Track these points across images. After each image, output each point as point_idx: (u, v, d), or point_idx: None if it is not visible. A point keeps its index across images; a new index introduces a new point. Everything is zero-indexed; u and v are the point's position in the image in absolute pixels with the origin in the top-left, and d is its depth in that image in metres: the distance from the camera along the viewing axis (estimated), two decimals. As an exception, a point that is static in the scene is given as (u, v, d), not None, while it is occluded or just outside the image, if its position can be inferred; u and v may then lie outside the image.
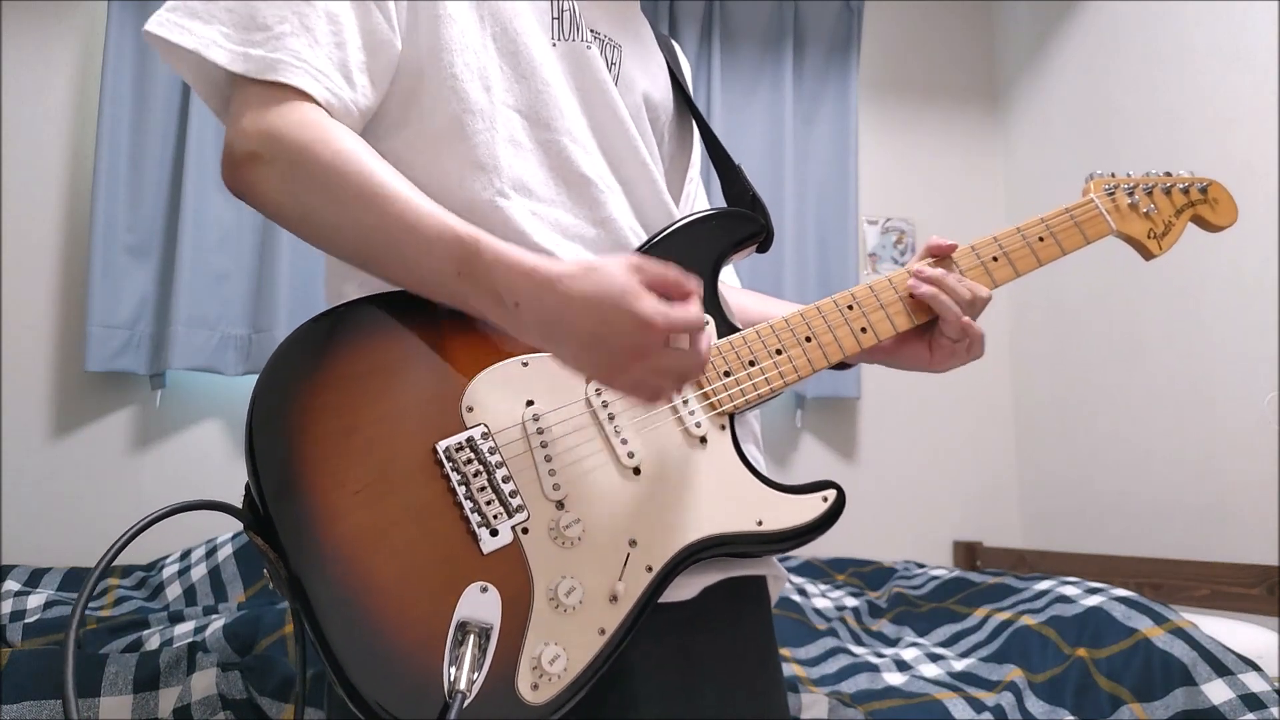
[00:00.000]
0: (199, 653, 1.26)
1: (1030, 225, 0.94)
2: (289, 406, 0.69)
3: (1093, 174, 1.00)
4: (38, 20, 2.39)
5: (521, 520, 0.72)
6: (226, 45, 0.75)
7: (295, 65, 0.74)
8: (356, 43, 0.78)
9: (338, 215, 0.73)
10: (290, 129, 0.73)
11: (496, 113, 0.82)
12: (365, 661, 0.64)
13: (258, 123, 0.73)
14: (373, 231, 0.72)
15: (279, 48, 0.75)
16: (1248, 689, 1.34)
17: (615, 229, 0.84)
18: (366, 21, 0.79)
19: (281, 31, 0.75)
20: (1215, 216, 1.00)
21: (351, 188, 0.72)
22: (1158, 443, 2.34)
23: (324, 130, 0.73)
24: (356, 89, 0.78)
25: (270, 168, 0.73)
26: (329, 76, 0.76)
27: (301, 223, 0.75)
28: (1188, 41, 2.31)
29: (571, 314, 0.67)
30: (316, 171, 0.72)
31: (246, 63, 0.74)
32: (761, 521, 0.78)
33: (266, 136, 0.73)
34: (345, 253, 0.76)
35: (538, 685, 0.68)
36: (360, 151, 0.73)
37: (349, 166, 0.72)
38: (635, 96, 0.92)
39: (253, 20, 0.75)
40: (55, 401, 2.29)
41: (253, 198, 0.75)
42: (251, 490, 0.69)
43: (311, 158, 0.72)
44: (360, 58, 0.79)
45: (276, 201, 0.74)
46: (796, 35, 2.83)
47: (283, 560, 0.66)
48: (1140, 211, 0.98)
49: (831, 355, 0.86)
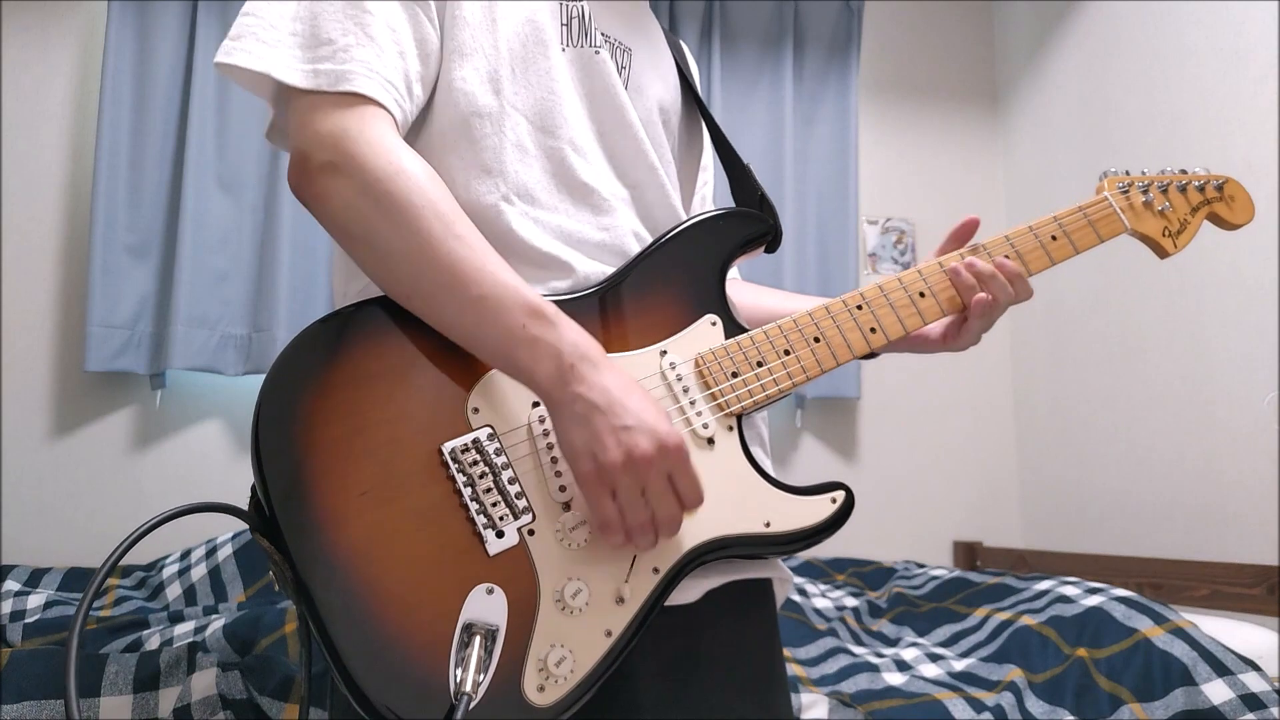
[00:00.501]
0: (199, 653, 1.26)
1: (1043, 224, 0.93)
2: (295, 408, 0.70)
3: (1106, 172, 0.98)
4: (38, 20, 2.39)
5: (527, 522, 0.72)
6: (296, 65, 0.76)
7: (367, 76, 0.75)
8: (413, 52, 0.79)
9: (404, 242, 0.72)
10: (368, 145, 0.73)
11: (505, 116, 0.82)
12: (371, 663, 0.64)
13: (335, 131, 0.73)
14: (439, 266, 0.72)
15: (348, 59, 0.75)
16: (1248, 689, 1.34)
17: (619, 234, 0.85)
18: (419, 30, 0.80)
19: (347, 44, 0.76)
20: (1231, 214, 0.99)
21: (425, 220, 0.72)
22: (1158, 443, 2.34)
23: (400, 157, 0.73)
24: (414, 100, 0.79)
25: (347, 181, 0.73)
26: (396, 88, 0.77)
27: (361, 242, 0.74)
28: (1188, 41, 2.31)
29: (619, 392, 0.69)
30: (392, 197, 0.72)
31: (317, 79, 0.75)
32: (769, 523, 0.78)
33: (345, 149, 0.73)
34: (398, 283, 0.75)
35: (544, 687, 0.68)
36: (436, 187, 0.74)
37: (426, 199, 0.72)
38: (646, 100, 0.92)
39: (315, 37, 0.76)
40: (55, 401, 2.29)
41: (319, 208, 0.75)
42: (257, 492, 0.69)
43: (388, 183, 0.72)
44: (417, 68, 0.80)
45: (344, 217, 0.74)
46: (796, 35, 2.83)
47: (288, 562, 0.66)
48: (1155, 210, 0.96)
49: (841, 356, 0.86)
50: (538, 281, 0.80)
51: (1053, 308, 2.72)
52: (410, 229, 0.72)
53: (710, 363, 0.81)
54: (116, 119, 2.28)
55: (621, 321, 0.81)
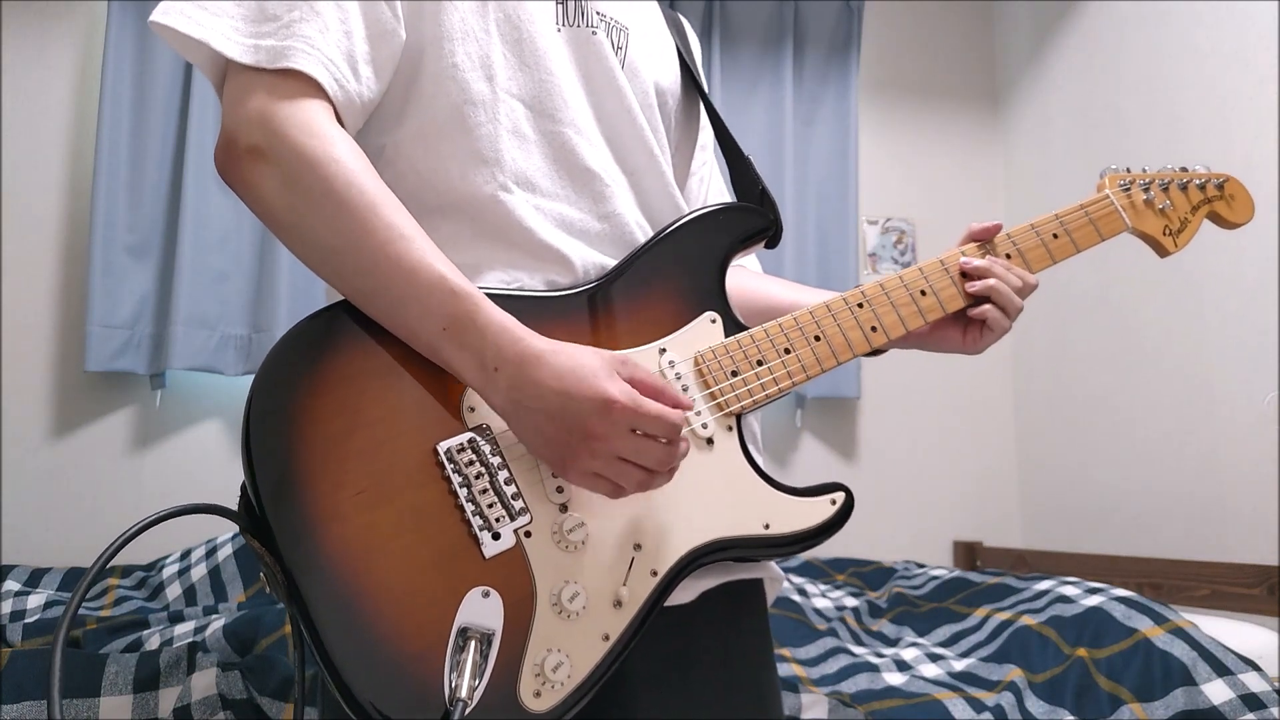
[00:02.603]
0: (199, 653, 1.26)
1: (1044, 222, 0.92)
2: (287, 406, 0.68)
3: (1106, 169, 0.97)
4: (38, 20, 2.39)
5: (524, 523, 0.70)
6: (237, 38, 0.73)
7: (307, 52, 0.73)
8: (361, 33, 0.76)
9: (331, 237, 0.70)
10: (298, 130, 0.70)
11: (499, 103, 0.80)
12: (363, 667, 0.63)
13: (264, 113, 0.71)
14: (365, 263, 0.70)
15: (290, 35, 0.73)
16: (1248, 689, 1.34)
17: (620, 223, 0.83)
18: (371, 10, 0.77)
19: (292, 19, 0.73)
20: (1231, 213, 0.98)
21: (353, 214, 0.69)
22: (1158, 443, 2.34)
23: (332, 143, 0.71)
24: (361, 81, 0.76)
25: (273, 168, 0.70)
26: (337, 66, 0.74)
27: (290, 231, 0.72)
28: (1188, 41, 2.31)
29: (543, 385, 0.67)
30: (320, 188, 0.69)
31: (257, 54, 0.72)
32: (769, 525, 0.76)
33: (272, 132, 0.70)
34: (327, 273, 0.73)
35: (540, 692, 0.67)
36: (366, 175, 0.71)
37: (353, 190, 0.70)
38: (643, 82, 0.89)
39: (262, 12, 0.74)
40: (55, 401, 2.28)
41: (246, 193, 0.73)
42: (248, 491, 0.67)
43: (316, 171, 0.69)
44: (365, 48, 0.76)
45: (270, 205, 0.72)
46: (796, 35, 2.83)
47: (279, 563, 0.65)
48: (1156, 208, 0.95)
49: (841, 354, 0.84)
50: (536, 272, 0.78)
51: (1053, 307, 2.72)
52: (337, 223, 0.69)
53: (710, 361, 0.80)
54: (116, 119, 2.28)
55: (619, 318, 0.79)
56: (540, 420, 0.68)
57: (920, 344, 0.93)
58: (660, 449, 0.68)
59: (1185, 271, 2.25)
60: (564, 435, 0.67)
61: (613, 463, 0.68)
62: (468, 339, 0.69)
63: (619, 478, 0.68)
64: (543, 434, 0.68)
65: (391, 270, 0.69)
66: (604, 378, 0.67)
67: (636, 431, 0.67)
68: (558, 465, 0.69)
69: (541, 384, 0.67)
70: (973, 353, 0.92)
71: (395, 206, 0.71)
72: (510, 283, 0.78)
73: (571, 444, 0.67)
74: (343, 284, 0.72)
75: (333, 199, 0.69)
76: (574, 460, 0.68)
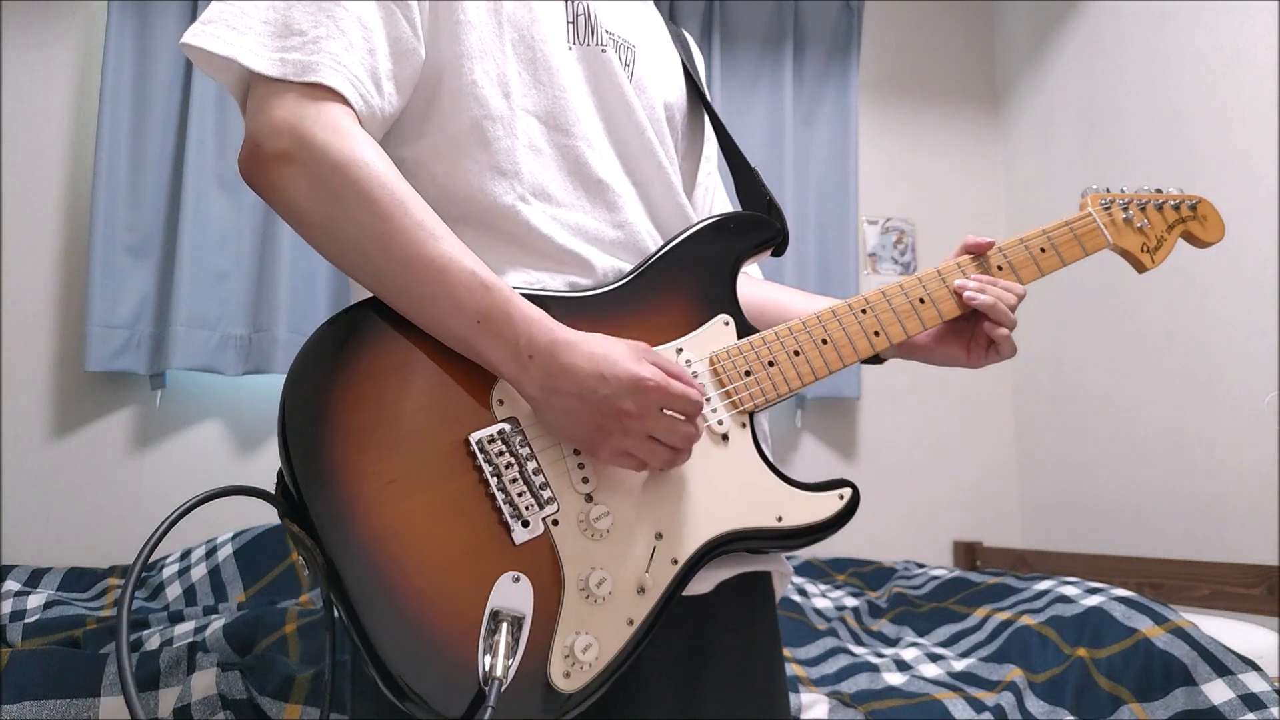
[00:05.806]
0: (199, 653, 1.26)
1: (1032, 236, 0.97)
2: (323, 396, 0.71)
3: (1088, 189, 1.03)
4: (38, 20, 2.39)
5: (552, 512, 0.74)
6: (264, 53, 0.75)
7: (334, 68, 0.75)
8: (385, 50, 0.79)
9: (362, 236, 0.73)
10: (326, 134, 0.72)
11: (516, 118, 0.83)
12: (400, 647, 0.66)
13: (291, 120, 0.73)
14: (396, 261, 0.72)
15: (316, 50, 0.75)
16: (1248, 689, 1.34)
17: (633, 231, 0.87)
18: (394, 29, 0.80)
19: (318, 35, 0.76)
20: (1204, 233, 1.04)
21: (383, 214, 0.72)
22: (1158, 443, 2.34)
23: (359, 146, 0.73)
24: (384, 96, 0.79)
25: (301, 171, 0.72)
26: (362, 81, 0.77)
27: (320, 231, 0.74)
28: (1188, 42, 2.31)
29: (578, 369, 0.71)
30: (350, 189, 0.72)
31: (284, 67, 0.75)
32: (781, 517, 0.81)
33: (300, 137, 0.72)
34: (358, 272, 0.75)
35: (569, 673, 0.70)
36: (393, 176, 0.74)
37: (383, 191, 0.72)
38: (650, 97, 0.93)
39: (287, 27, 0.76)
40: (55, 401, 2.29)
41: (274, 197, 0.75)
42: (285, 477, 0.70)
43: (346, 173, 0.72)
44: (388, 65, 0.79)
45: (300, 206, 0.74)
46: (796, 35, 2.83)
47: (319, 547, 0.67)
48: (1134, 226, 1.01)
49: (847, 358, 0.89)
50: (558, 274, 0.82)
51: (1053, 307, 2.72)
52: (367, 222, 0.72)
53: (724, 361, 0.84)
54: (116, 119, 2.28)
55: (638, 319, 0.83)
56: (573, 404, 0.72)
57: (925, 357, 0.98)
58: (686, 427, 0.74)
59: (1185, 271, 2.25)
60: (597, 417, 0.72)
61: (643, 441, 0.73)
62: (502, 330, 0.72)
63: (648, 455, 0.73)
64: (575, 417, 0.72)
65: (424, 267, 0.72)
66: (634, 361, 0.72)
67: (664, 411, 0.72)
68: (588, 446, 0.73)
69: (576, 368, 0.72)
70: (975, 366, 0.97)
71: (423, 206, 0.74)
72: (533, 284, 0.81)
73: (604, 424, 0.72)
74: (373, 282, 0.75)
75: (363, 199, 0.72)
76: (606, 439, 0.72)
